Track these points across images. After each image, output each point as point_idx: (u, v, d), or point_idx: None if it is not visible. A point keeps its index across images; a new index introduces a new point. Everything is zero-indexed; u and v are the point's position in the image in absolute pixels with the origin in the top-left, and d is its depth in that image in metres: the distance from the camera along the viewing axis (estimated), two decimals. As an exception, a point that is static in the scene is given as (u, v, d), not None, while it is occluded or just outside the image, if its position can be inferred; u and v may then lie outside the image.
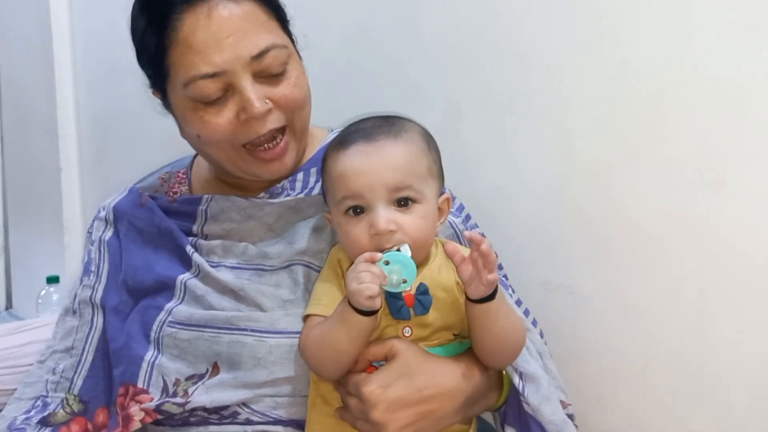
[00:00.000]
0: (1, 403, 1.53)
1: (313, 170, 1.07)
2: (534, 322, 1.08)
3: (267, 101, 0.95)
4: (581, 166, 1.15)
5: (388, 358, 0.88)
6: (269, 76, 0.96)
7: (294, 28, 1.06)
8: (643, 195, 1.07)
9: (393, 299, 0.88)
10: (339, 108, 1.23)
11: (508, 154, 1.25)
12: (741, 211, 0.98)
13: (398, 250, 0.85)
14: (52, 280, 2.17)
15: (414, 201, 0.88)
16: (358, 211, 0.88)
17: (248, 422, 0.95)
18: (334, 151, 0.92)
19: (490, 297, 0.85)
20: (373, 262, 0.83)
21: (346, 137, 0.91)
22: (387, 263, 0.83)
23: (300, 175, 1.07)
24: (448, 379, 0.89)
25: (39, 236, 2.63)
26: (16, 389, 1.13)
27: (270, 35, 0.96)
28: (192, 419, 0.96)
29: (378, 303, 0.82)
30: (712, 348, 1.02)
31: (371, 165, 0.87)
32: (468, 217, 1.11)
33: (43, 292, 2.16)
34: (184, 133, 1.04)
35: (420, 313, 0.89)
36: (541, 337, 1.07)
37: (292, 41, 1.03)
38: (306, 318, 0.92)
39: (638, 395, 1.10)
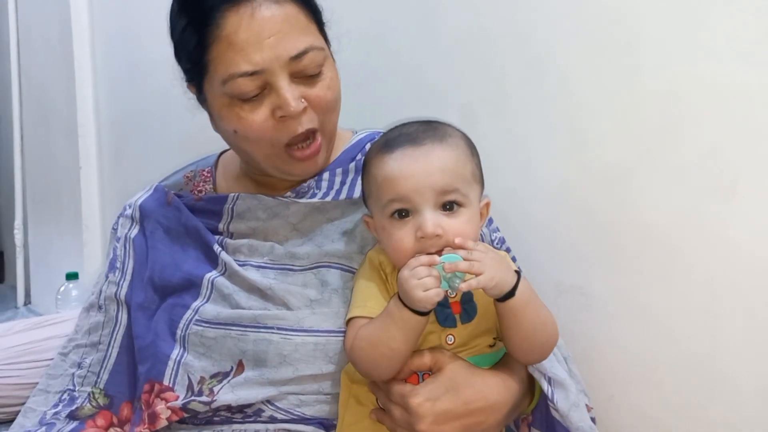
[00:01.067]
0: (23, 396, 1.56)
1: (339, 170, 1.08)
2: None
3: (302, 101, 0.97)
4: (594, 170, 1.16)
5: (433, 370, 0.89)
6: (305, 77, 0.98)
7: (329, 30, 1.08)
8: (656, 199, 1.08)
9: (440, 307, 0.88)
10: (357, 110, 1.25)
11: (523, 157, 1.27)
12: (752, 215, 0.99)
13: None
14: (71, 276, 2.20)
15: (460, 205, 0.88)
16: (404, 214, 0.88)
17: (272, 420, 0.96)
18: (379, 155, 0.91)
19: (509, 295, 0.85)
20: (431, 265, 0.83)
21: (392, 141, 0.91)
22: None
23: (326, 175, 1.08)
24: (492, 392, 0.90)
25: (58, 233, 2.66)
26: (37, 383, 1.15)
27: (309, 37, 0.98)
28: (216, 418, 0.98)
29: (436, 303, 0.83)
30: (723, 349, 1.03)
31: (419, 168, 0.86)
32: (490, 221, 1.11)
33: (62, 288, 2.19)
34: (218, 128, 1.05)
35: (465, 321, 0.90)
36: None
37: (328, 44, 1.05)
38: (349, 321, 0.93)
39: (649, 395, 1.11)
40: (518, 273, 0.87)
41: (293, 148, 1.00)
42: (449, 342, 0.91)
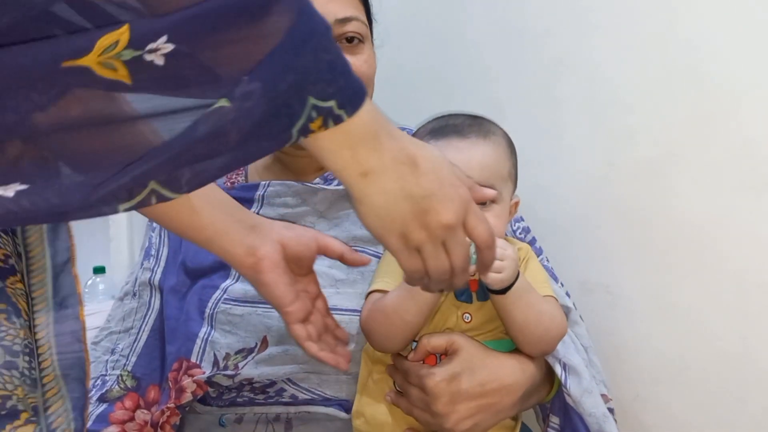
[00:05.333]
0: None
1: None
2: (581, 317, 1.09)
3: None
4: (624, 166, 1.15)
5: (448, 352, 0.90)
6: (346, 45, 1.02)
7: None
8: (686, 195, 1.07)
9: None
10: (385, 106, 1.24)
11: (550, 154, 1.26)
12: (785, 212, 0.98)
13: None
14: (98, 270, 2.23)
15: (493, 201, 0.90)
16: None
17: (293, 399, 0.98)
18: (423, 141, 0.92)
19: (501, 291, 0.86)
20: None
21: (438, 130, 0.93)
22: None
23: None
24: (508, 374, 0.91)
25: (85, 228, 2.69)
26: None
27: (356, 10, 1.03)
28: (239, 399, 1.00)
29: None
30: (754, 348, 1.01)
31: (461, 160, 0.86)
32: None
33: (89, 282, 2.22)
34: None
35: (482, 299, 0.91)
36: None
37: (371, 33, 1.09)
38: (369, 295, 0.95)
39: (677, 395, 1.10)
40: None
41: None
42: (466, 320, 0.92)
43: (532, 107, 1.29)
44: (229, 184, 1.16)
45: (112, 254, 2.50)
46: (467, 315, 0.92)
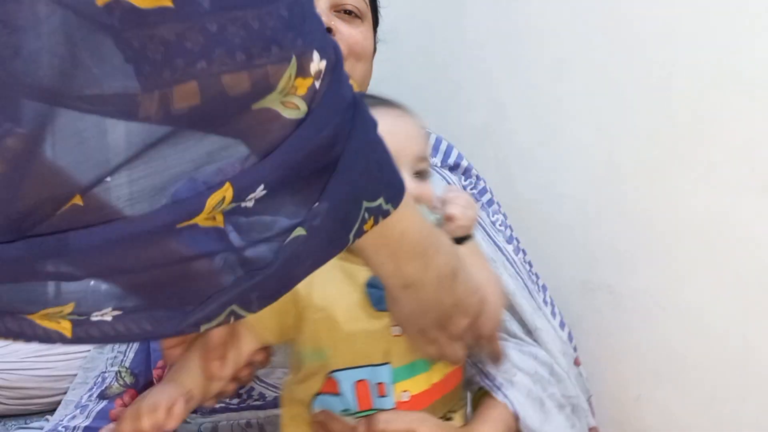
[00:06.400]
0: (55, 388, 1.60)
1: None
2: (562, 324, 1.04)
3: (333, 25, 1.00)
4: (623, 169, 1.15)
5: None
6: (345, 14, 1.02)
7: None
8: (686, 197, 1.07)
9: (372, 288, 0.75)
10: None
11: (551, 155, 1.26)
12: (786, 212, 0.97)
13: None
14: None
15: (429, 176, 0.82)
16: None
17: (261, 398, 0.97)
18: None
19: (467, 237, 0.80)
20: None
21: (374, 102, 0.85)
22: None
23: None
24: None
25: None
26: (68, 374, 1.17)
27: None
28: (216, 406, 0.99)
29: None
30: (755, 348, 1.01)
31: (401, 128, 0.80)
32: (490, 202, 1.09)
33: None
34: None
35: None
36: (570, 340, 1.02)
37: (375, 24, 1.10)
38: None
39: (678, 396, 1.10)
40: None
41: None
42: (395, 333, 0.76)
43: (534, 107, 1.29)
44: None
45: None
46: (395, 329, 0.76)
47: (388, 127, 0.65)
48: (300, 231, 0.51)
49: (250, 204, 0.49)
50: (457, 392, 0.84)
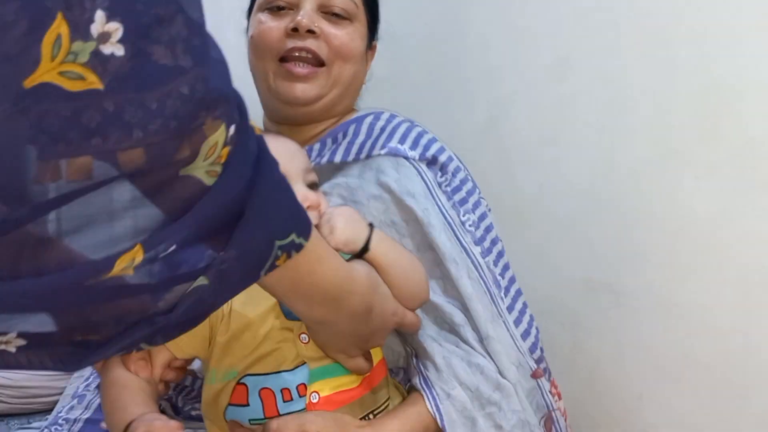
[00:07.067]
0: (58, 387, 1.60)
1: (329, 140, 1.06)
2: (526, 333, 0.96)
3: (316, 27, 1.00)
4: (625, 167, 1.15)
5: None
6: (332, 16, 1.02)
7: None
8: (687, 195, 1.07)
9: None
10: (385, 106, 1.25)
11: (553, 153, 1.26)
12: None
13: None
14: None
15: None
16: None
17: None
18: None
19: (364, 250, 0.80)
20: None
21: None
22: None
23: (317, 146, 1.06)
24: None
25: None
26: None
27: None
28: (193, 413, 0.98)
29: None
30: (757, 347, 1.01)
31: (283, 147, 0.81)
32: (464, 201, 1.01)
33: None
34: (249, 50, 1.09)
35: None
36: (534, 351, 0.94)
37: (372, 29, 1.10)
38: None
39: (680, 394, 1.10)
40: (371, 225, 0.81)
41: (290, 62, 1.02)
42: (304, 341, 0.78)
43: (536, 106, 1.29)
44: None
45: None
46: (304, 336, 0.78)
47: (272, 149, 0.64)
48: (203, 281, 0.53)
49: (163, 254, 0.51)
50: (378, 394, 0.84)
